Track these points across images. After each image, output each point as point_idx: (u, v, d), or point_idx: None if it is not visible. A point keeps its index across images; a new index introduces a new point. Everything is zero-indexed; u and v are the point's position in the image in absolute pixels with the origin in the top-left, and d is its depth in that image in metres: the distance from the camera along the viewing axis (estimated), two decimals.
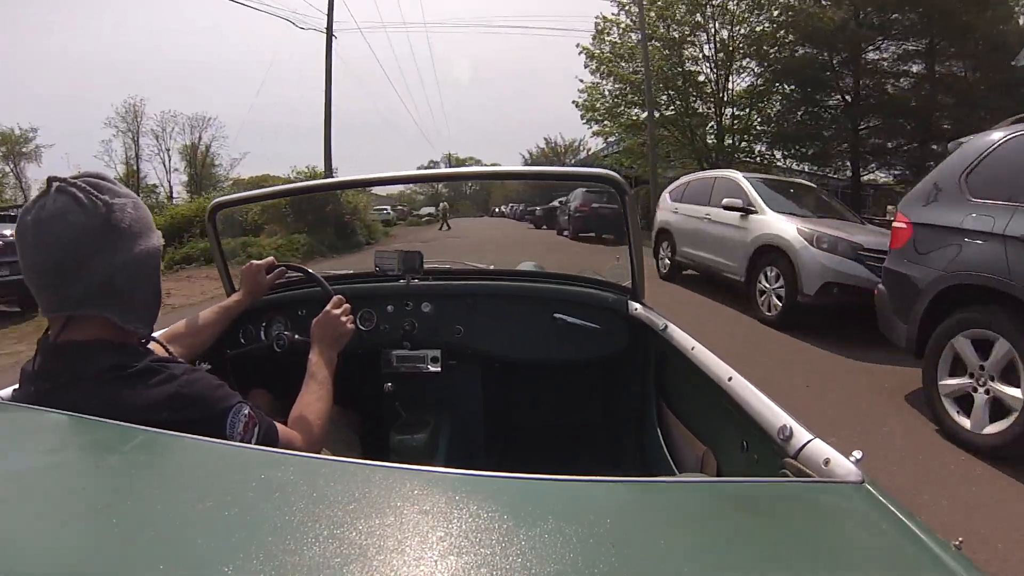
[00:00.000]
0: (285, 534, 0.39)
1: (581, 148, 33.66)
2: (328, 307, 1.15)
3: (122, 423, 0.59)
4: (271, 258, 1.38)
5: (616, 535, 0.41)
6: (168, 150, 31.55)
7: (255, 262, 1.35)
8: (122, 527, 0.42)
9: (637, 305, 1.48)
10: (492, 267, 2.00)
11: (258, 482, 0.48)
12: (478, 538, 0.39)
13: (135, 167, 30.30)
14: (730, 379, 0.89)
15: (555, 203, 18.86)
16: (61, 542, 0.40)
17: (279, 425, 0.86)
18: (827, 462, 0.60)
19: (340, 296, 1.20)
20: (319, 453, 0.94)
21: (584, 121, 17.43)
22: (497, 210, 42.70)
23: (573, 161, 31.85)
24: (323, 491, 0.46)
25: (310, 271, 1.46)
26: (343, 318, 1.15)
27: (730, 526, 0.45)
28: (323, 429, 0.97)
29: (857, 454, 0.58)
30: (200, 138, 31.61)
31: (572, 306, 1.53)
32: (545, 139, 35.80)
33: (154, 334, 0.97)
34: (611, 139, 19.38)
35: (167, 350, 0.94)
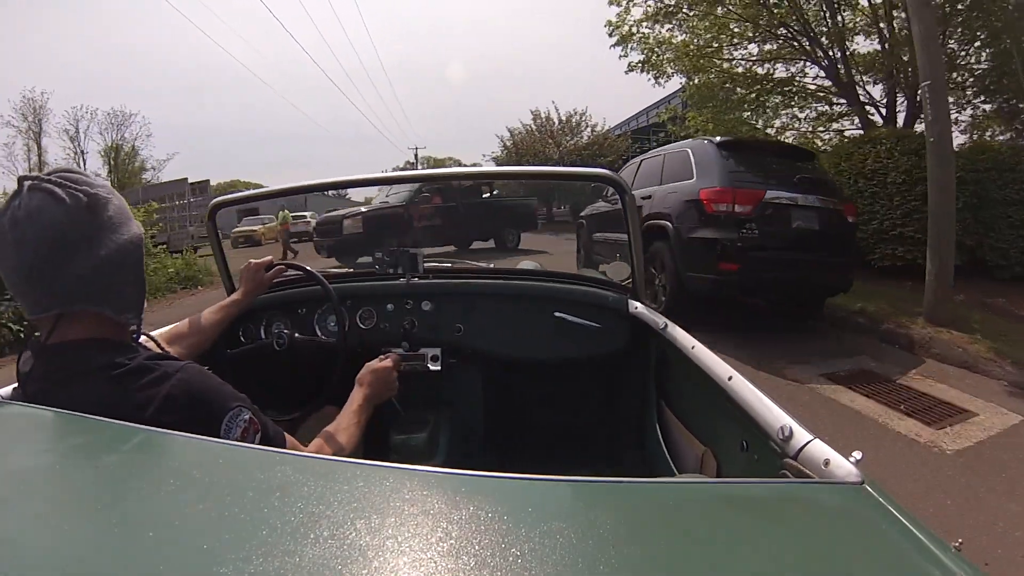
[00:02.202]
0: (285, 534, 0.39)
1: (583, 124, 24.58)
2: (388, 363, 1.19)
3: (122, 423, 0.59)
4: (270, 257, 1.39)
5: (616, 535, 0.41)
6: (84, 152, 25.40)
7: (254, 261, 1.35)
8: (122, 527, 0.42)
9: (637, 304, 1.48)
10: (492, 265, 2.00)
11: (258, 482, 0.48)
12: (478, 538, 0.39)
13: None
14: (730, 379, 0.89)
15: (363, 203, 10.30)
16: (61, 542, 0.40)
17: (290, 438, 0.84)
18: (827, 463, 0.60)
19: (399, 356, 1.28)
20: None
21: (616, 40, 9.19)
22: None
23: (572, 142, 24.33)
24: (323, 491, 0.45)
25: (310, 269, 1.46)
26: (394, 375, 1.20)
27: (730, 527, 0.45)
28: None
29: (857, 455, 0.58)
30: (123, 137, 26.02)
31: (572, 305, 1.53)
32: (532, 112, 24.87)
33: (155, 332, 0.96)
34: (673, 78, 9.50)
35: (160, 346, 0.93)
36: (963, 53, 7.53)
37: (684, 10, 8.53)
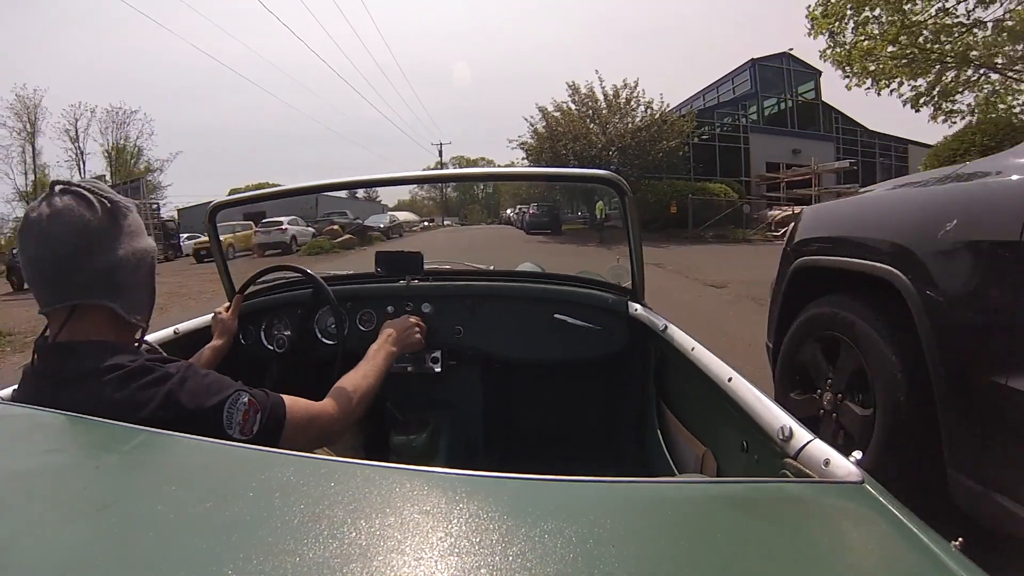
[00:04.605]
0: (285, 534, 0.39)
1: (634, 101, 18.71)
2: (407, 316, 1.34)
3: (122, 423, 0.59)
4: (226, 303, 1.49)
5: (616, 535, 0.41)
6: (84, 153, 24.82)
7: (217, 310, 1.46)
8: (122, 527, 0.42)
9: (637, 306, 1.48)
10: (492, 268, 2.00)
11: (258, 482, 0.48)
12: (478, 538, 0.39)
13: (36, 175, 22.42)
14: (730, 380, 0.89)
15: None
16: (61, 542, 0.40)
17: (291, 399, 0.85)
18: (827, 462, 0.60)
19: (419, 317, 1.39)
20: (348, 430, 0.97)
21: None
22: (504, 215, 38.44)
23: (623, 124, 18.42)
24: (323, 491, 0.46)
25: (309, 271, 1.46)
26: (416, 329, 1.31)
27: (730, 526, 0.45)
28: (362, 405, 1.00)
29: (857, 454, 0.58)
30: (126, 136, 25.69)
31: (572, 307, 1.53)
32: (569, 86, 19.47)
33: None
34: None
35: (160, 351, 0.94)
36: None
37: None
